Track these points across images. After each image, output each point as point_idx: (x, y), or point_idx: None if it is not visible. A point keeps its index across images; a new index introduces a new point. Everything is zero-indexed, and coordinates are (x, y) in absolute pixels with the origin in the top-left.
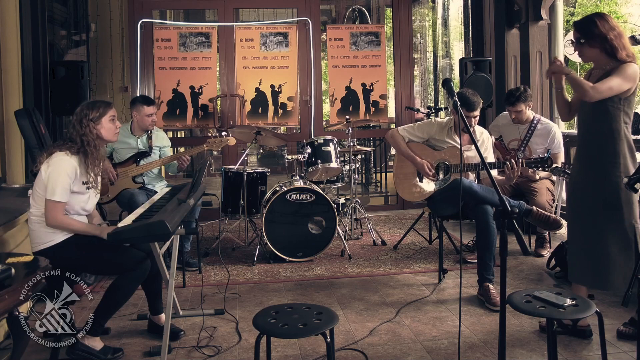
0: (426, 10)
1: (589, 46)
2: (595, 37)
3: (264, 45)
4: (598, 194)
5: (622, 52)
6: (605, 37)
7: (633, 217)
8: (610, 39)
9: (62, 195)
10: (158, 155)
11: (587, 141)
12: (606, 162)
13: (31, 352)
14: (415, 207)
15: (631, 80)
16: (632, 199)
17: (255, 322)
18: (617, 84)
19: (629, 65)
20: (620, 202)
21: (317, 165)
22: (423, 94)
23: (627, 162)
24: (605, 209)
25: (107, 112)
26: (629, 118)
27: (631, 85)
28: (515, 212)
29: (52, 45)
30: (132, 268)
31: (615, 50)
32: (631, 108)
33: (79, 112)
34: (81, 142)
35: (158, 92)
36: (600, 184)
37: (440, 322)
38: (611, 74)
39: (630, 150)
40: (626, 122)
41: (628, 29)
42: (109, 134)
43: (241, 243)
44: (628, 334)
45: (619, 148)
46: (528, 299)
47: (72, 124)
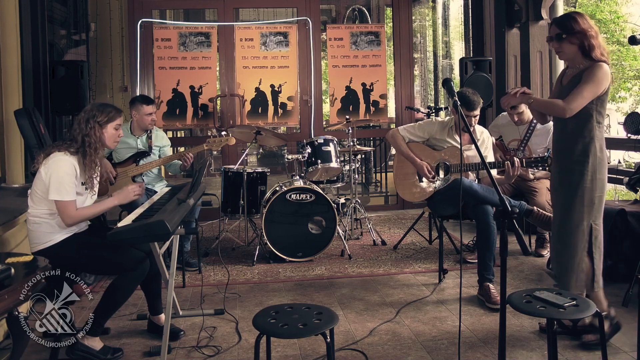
0: (426, 9)
1: (569, 42)
2: (576, 33)
3: (263, 45)
4: (565, 193)
5: (597, 50)
6: (585, 34)
7: (592, 218)
8: (590, 36)
9: (71, 194)
10: (158, 155)
11: (560, 141)
12: (575, 161)
13: (31, 352)
14: (415, 207)
15: (602, 82)
16: (595, 199)
17: (255, 322)
18: (589, 90)
19: (599, 66)
20: (583, 202)
21: (317, 165)
22: (423, 94)
23: (595, 162)
24: (569, 208)
25: (115, 119)
26: (603, 117)
27: (604, 87)
28: (515, 212)
29: (51, 45)
30: (131, 268)
31: (591, 49)
32: (604, 107)
33: (89, 111)
34: (82, 141)
35: (158, 91)
36: (567, 182)
37: (440, 322)
38: (582, 79)
39: (601, 151)
40: (599, 122)
41: (628, 28)
42: (109, 141)
43: (241, 243)
44: (594, 342)
45: (589, 148)
46: (528, 299)
47: (77, 120)
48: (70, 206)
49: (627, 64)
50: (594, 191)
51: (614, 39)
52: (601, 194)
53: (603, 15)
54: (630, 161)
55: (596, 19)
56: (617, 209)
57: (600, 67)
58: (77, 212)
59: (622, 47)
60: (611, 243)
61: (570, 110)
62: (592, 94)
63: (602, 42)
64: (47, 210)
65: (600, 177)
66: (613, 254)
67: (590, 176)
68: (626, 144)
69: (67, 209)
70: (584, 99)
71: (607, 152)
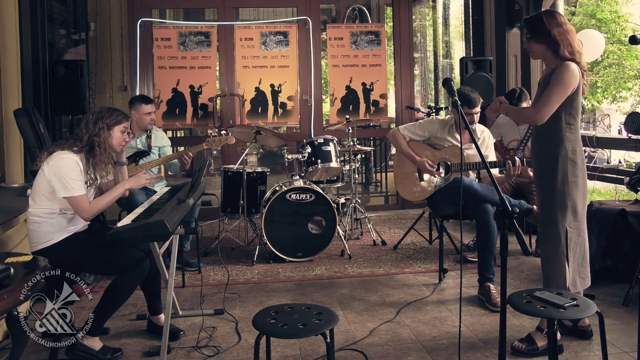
0: (426, 9)
1: (535, 42)
2: (539, 33)
3: (263, 45)
4: (539, 195)
5: (565, 49)
6: (549, 33)
7: (567, 221)
8: (554, 35)
9: (80, 188)
10: (157, 155)
11: (533, 143)
12: (546, 164)
13: (30, 352)
14: (415, 207)
15: (570, 83)
16: (568, 202)
17: (254, 322)
18: (557, 94)
19: (565, 67)
20: (555, 205)
21: (317, 165)
22: (423, 94)
23: (566, 165)
24: (544, 211)
25: (122, 122)
26: (574, 118)
27: (572, 87)
28: (515, 212)
29: (51, 45)
30: (131, 268)
31: (557, 47)
32: (574, 107)
33: (98, 112)
34: (90, 142)
35: (157, 91)
36: (540, 185)
37: (440, 322)
38: (550, 81)
39: (573, 153)
40: (569, 123)
41: (629, 28)
42: (116, 143)
43: (241, 243)
44: (521, 351)
45: (558, 150)
46: (528, 299)
47: (84, 121)
48: (83, 200)
49: (628, 64)
50: (567, 194)
51: (615, 39)
52: (575, 197)
53: (603, 15)
54: (630, 161)
55: (597, 18)
56: (618, 209)
57: (566, 67)
58: (92, 205)
59: (622, 46)
60: (611, 243)
61: (540, 117)
62: (560, 97)
63: (573, 40)
64: (48, 209)
65: (574, 179)
66: (613, 254)
67: (561, 179)
68: (627, 143)
69: (80, 204)
70: (552, 103)
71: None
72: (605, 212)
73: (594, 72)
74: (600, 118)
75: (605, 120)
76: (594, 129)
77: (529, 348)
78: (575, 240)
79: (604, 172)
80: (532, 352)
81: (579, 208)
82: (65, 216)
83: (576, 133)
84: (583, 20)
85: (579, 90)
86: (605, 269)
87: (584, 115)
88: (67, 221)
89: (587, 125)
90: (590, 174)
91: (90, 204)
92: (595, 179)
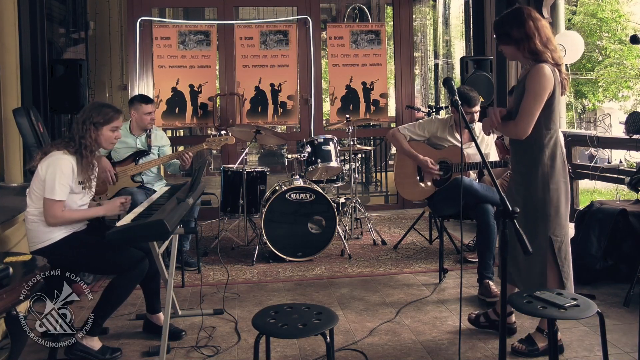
0: (427, 8)
1: (503, 44)
2: (501, 35)
3: (263, 44)
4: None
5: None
6: (509, 34)
7: (549, 229)
8: (516, 37)
9: (62, 194)
10: (157, 154)
11: (513, 151)
12: (526, 172)
13: (29, 352)
14: (415, 206)
15: (546, 87)
16: (551, 210)
17: (254, 322)
18: (534, 103)
19: (537, 70)
20: (536, 214)
21: (317, 165)
22: (424, 93)
23: (546, 172)
24: (525, 219)
25: (112, 121)
26: (553, 122)
27: (548, 91)
28: (516, 212)
29: (50, 43)
30: (130, 267)
31: (523, 49)
32: (552, 111)
33: (87, 111)
34: (79, 143)
35: (157, 90)
36: (520, 193)
37: (440, 322)
38: (525, 88)
39: (553, 159)
40: (548, 128)
41: (630, 27)
42: (105, 142)
43: (240, 242)
44: (521, 351)
45: (538, 157)
46: (529, 300)
47: (75, 120)
48: (56, 206)
49: (629, 63)
50: (548, 202)
51: (616, 38)
52: (558, 205)
53: (604, 14)
54: (631, 161)
55: (597, 17)
56: (619, 209)
57: (538, 72)
58: (63, 214)
59: (623, 46)
60: (612, 243)
61: (524, 131)
62: (539, 105)
63: (540, 41)
64: None
65: (555, 187)
66: (614, 254)
67: (542, 187)
68: (627, 143)
69: (52, 208)
70: (532, 115)
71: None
72: (606, 212)
73: (595, 71)
74: (601, 117)
75: (606, 120)
76: (595, 129)
77: (529, 349)
78: (564, 249)
79: (605, 172)
80: (533, 352)
81: (562, 214)
82: (65, 212)
83: (556, 137)
84: (584, 19)
85: (556, 92)
86: (606, 269)
87: (584, 115)
88: None
89: (587, 125)
90: (590, 173)
91: (64, 212)
92: (596, 178)
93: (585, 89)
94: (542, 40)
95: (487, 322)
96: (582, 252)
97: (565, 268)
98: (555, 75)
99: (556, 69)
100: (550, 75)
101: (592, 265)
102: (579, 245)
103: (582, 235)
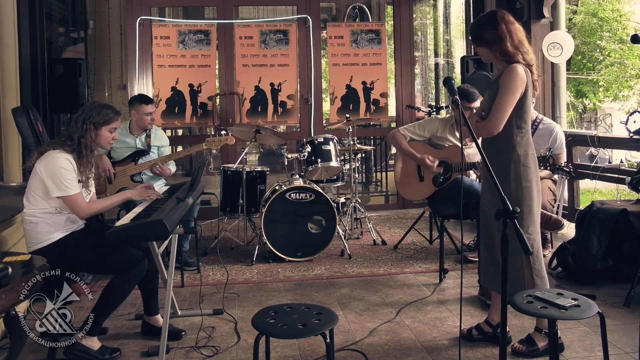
0: (427, 7)
1: (476, 45)
2: (475, 37)
3: (263, 43)
4: (491, 202)
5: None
6: (482, 36)
7: (523, 227)
8: (487, 39)
9: (75, 187)
10: (156, 154)
11: (486, 151)
12: (497, 172)
13: (28, 352)
14: (415, 206)
15: (518, 87)
16: (524, 208)
17: (254, 322)
18: (508, 101)
19: (510, 71)
20: None
21: (316, 164)
22: (424, 93)
23: (519, 170)
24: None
25: (111, 123)
26: (524, 121)
27: (520, 91)
28: (516, 212)
29: (50, 43)
30: (130, 267)
31: (496, 50)
32: (524, 111)
33: (87, 110)
34: (78, 142)
35: (157, 90)
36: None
37: (440, 322)
38: (498, 88)
39: (525, 157)
40: (520, 127)
41: (631, 27)
42: (103, 142)
43: (240, 242)
44: (522, 352)
45: (510, 155)
46: (529, 300)
47: (74, 119)
48: (78, 199)
49: (630, 63)
50: (521, 201)
51: (617, 38)
52: (530, 203)
53: (605, 14)
54: (632, 161)
55: (598, 17)
56: (619, 209)
57: (511, 71)
58: (90, 205)
59: (624, 45)
60: (613, 243)
61: (496, 128)
62: (511, 103)
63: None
64: (44, 209)
65: (527, 184)
66: (615, 254)
67: (514, 185)
68: (628, 143)
69: (76, 203)
70: (504, 112)
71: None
72: (606, 212)
73: (596, 71)
74: (601, 117)
75: (607, 120)
76: (596, 129)
77: (530, 349)
78: (537, 246)
79: (606, 172)
80: (533, 352)
81: (535, 212)
82: (62, 215)
83: (527, 136)
84: (585, 19)
85: (528, 92)
86: (607, 269)
87: (585, 114)
88: (64, 220)
89: (588, 124)
90: (591, 173)
91: (89, 204)
92: (597, 178)
93: (585, 88)
94: (513, 42)
95: (480, 335)
96: (583, 252)
97: (537, 265)
98: (528, 75)
99: (528, 70)
100: (524, 75)
101: (593, 265)
102: (579, 245)
103: (582, 235)
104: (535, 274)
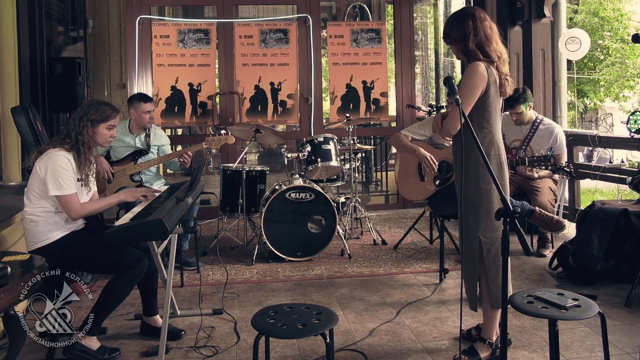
0: (428, 7)
1: (448, 43)
2: (444, 34)
3: (263, 42)
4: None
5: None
6: (449, 34)
7: (479, 230)
8: (454, 35)
9: (71, 187)
10: (156, 153)
11: (453, 150)
12: (457, 172)
13: (27, 352)
14: (416, 206)
15: (477, 85)
16: (482, 211)
17: (253, 322)
18: (464, 100)
19: (470, 70)
20: (468, 213)
21: (316, 164)
22: (424, 92)
23: (478, 171)
24: (462, 219)
25: (109, 120)
26: (486, 120)
27: (480, 89)
28: (517, 212)
29: (49, 42)
30: (129, 267)
31: (461, 49)
32: (486, 109)
33: (85, 108)
34: (76, 139)
35: (156, 89)
36: (458, 191)
37: (441, 322)
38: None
39: (486, 158)
40: (482, 127)
41: (632, 26)
42: (101, 140)
43: (240, 242)
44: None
45: (469, 155)
46: (530, 300)
47: (72, 117)
48: (72, 200)
49: (631, 62)
50: (479, 202)
51: (618, 37)
52: (489, 206)
53: (606, 13)
54: (632, 160)
55: (599, 16)
56: (620, 209)
57: (470, 69)
58: (83, 206)
59: (625, 45)
60: (613, 243)
61: (452, 127)
62: (469, 101)
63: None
64: (44, 208)
65: (486, 187)
66: (615, 254)
67: (472, 186)
68: (629, 143)
69: (70, 203)
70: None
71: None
72: (607, 212)
73: (597, 70)
74: (602, 117)
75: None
76: (597, 128)
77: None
78: (494, 252)
79: (606, 172)
80: None
81: (494, 216)
82: (62, 215)
83: (490, 136)
84: (585, 18)
85: (490, 91)
86: (607, 269)
87: (586, 114)
88: (64, 220)
89: (589, 124)
90: (592, 173)
91: (82, 205)
92: (598, 178)
93: (586, 88)
94: (476, 40)
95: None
96: (583, 252)
97: (492, 271)
98: (491, 73)
99: (493, 68)
100: (484, 73)
101: (593, 265)
102: (580, 245)
103: (583, 235)
104: (489, 280)
